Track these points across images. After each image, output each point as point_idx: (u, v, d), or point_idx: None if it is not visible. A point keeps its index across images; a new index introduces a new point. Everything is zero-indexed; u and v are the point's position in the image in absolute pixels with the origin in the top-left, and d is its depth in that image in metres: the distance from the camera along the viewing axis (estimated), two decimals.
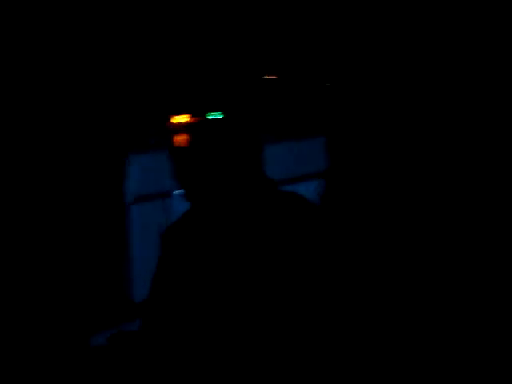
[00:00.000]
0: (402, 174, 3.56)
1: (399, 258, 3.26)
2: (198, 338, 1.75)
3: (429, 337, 2.87)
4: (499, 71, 3.33)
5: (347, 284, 1.84)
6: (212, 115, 1.84)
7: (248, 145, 1.88)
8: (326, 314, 1.79)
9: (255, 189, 1.86)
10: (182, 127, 2.21)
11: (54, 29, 3.48)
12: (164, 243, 1.88)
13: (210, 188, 1.84)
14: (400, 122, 3.64)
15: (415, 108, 3.65)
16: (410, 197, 3.59)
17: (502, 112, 3.40)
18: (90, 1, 3.52)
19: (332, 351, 1.77)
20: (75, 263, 3.37)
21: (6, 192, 3.22)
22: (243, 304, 1.74)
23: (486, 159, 3.52)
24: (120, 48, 3.69)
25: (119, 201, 3.27)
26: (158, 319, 1.82)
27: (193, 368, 1.75)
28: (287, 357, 1.73)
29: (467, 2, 3.48)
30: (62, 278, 3.37)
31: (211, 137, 1.85)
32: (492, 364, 2.82)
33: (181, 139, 2.12)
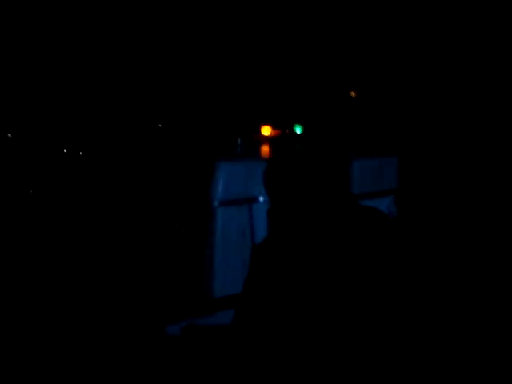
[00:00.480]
0: (469, 194, 3.85)
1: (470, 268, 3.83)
2: (287, 341, 1.81)
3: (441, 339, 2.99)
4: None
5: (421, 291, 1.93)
6: (298, 129, 2.05)
7: (332, 160, 1.91)
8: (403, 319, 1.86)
9: (339, 202, 1.92)
10: (269, 139, 4.74)
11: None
12: (257, 254, 1.94)
13: (294, 200, 1.92)
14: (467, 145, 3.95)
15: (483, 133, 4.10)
16: (474, 212, 3.93)
17: None
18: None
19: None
20: (165, 257, 4.33)
21: (114, 190, 4.07)
22: (330, 311, 1.79)
23: None
24: (215, 62, 4.18)
25: (207, 204, 3.72)
26: (250, 320, 1.86)
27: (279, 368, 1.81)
28: (373, 359, 1.80)
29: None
30: (152, 270, 4.32)
31: (296, 150, 1.91)
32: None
33: (267, 150, 4.46)
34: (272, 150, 3.98)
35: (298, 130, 1.85)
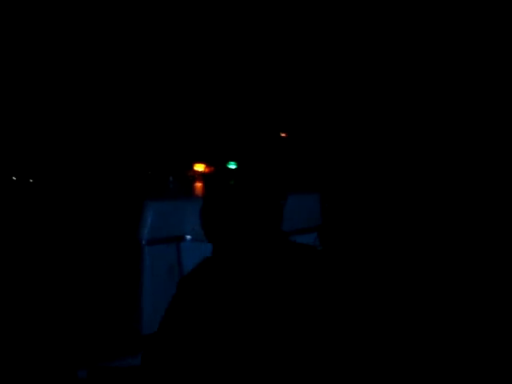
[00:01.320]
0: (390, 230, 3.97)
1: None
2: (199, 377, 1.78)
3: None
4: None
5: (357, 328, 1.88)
6: (230, 165, 2.04)
7: (264, 195, 1.91)
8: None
9: (270, 238, 1.92)
10: (202, 175, 4.90)
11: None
12: (182, 287, 1.92)
13: (226, 234, 1.92)
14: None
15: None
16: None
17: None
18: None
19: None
20: (92, 292, 4.35)
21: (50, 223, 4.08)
22: (249, 350, 1.75)
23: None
24: (145, 96, 4.20)
25: (136, 242, 3.76)
26: (163, 355, 1.83)
27: None
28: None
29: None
30: (81, 307, 4.33)
31: (228, 185, 1.91)
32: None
33: (200, 187, 4.63)
34: (205, 186, 4.04)
35: (232, 166, 1.88)
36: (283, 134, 4.90)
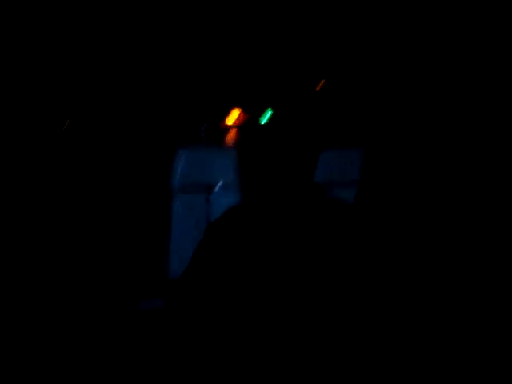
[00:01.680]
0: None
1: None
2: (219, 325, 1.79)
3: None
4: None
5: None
6: (267, 116, 1.91)
7: (298, 144, 1.89)
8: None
9: (302, 189, 1.90)
10: (236, 126, 4.76)
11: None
12: (209, 233, 1.93)
13: (258, 183, 1.90)
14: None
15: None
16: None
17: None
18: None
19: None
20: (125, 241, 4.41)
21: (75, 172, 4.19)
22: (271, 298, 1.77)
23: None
24: (181, 44, 4.19)
25: (167, 189, 3.82)
26: (188, 299, 1.88)
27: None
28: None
29: None
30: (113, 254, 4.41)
31: (261, 135, 1.89)
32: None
33: (233, 137, 4.49)
34: (239, 134, 4.05)
35: (266, 117, 1.87)
36: (322, 82, 4.71)
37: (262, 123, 1.98)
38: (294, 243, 1.84)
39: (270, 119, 2.00)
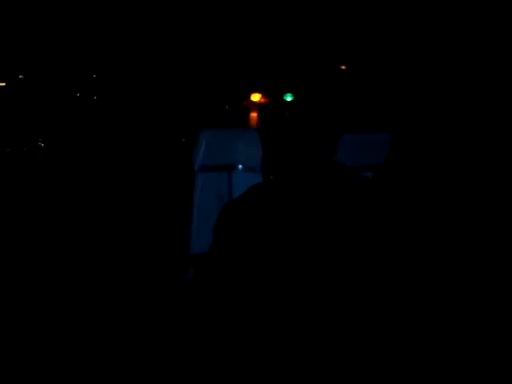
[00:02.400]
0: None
1: None
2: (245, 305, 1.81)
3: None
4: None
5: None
6: (287, 96, 1.90)
7: (319, 128, 1.89)
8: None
9: (322, 170, 1.89)
10: (258, 106, 4.77)
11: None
12: (227, 210, 1.93)
13: (279, 165, 1.91)
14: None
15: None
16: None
17: None
18: None
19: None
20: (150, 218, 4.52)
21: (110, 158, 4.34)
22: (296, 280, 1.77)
23: None
24: (201, 31, 4.26)
25: (189, 168, 3.90)
26: (213, 277, 1.88)
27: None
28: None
29: None
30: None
31: (283, 117, 1.88)
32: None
33: (256, 117, 4.56)
34: (261, 116, 4.10)
35: (289, 98, 1.87)
36: (343, 67, 4.83)
37: (285, 102, 1.98)
38: (311, 225, 1.84)
39: (292, 102, 2.00)
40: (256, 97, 4.32)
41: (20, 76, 6.48)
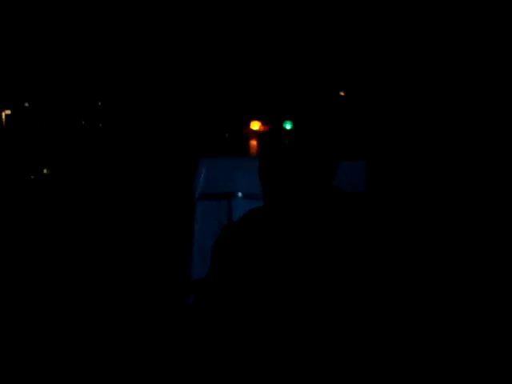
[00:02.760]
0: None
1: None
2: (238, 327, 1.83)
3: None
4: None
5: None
6: (286, 124, 1.90)
7: (319, 155, 1.89)
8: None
9: (319, 197, 1.90)
10: (257, 134, 4.93)
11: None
12: (224, 234, 1.95)
13: (278, 192, 1.90)
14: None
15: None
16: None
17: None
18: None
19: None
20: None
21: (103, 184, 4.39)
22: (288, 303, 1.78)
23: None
24: (201, 57, 4.29)
25: (189, 196, 3.94)
26: (210, 301, 1.91)
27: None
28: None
29: None
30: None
31: (283, 144, 1.89)
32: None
33: (255, 145, 4.69)
34: (260, 144, 4.21)
35: (288, 126, 1.90)
36: (342, 93, 4.92)
37: (284, 130, 1.98)
38: (306, 249, 1.85)
39: (291, 129, 1.99)
40: (255, 125, 4.41)
41: (26, 104, 6.62)
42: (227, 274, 1.90)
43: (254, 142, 4.45)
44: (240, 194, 3.98)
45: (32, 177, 5.69)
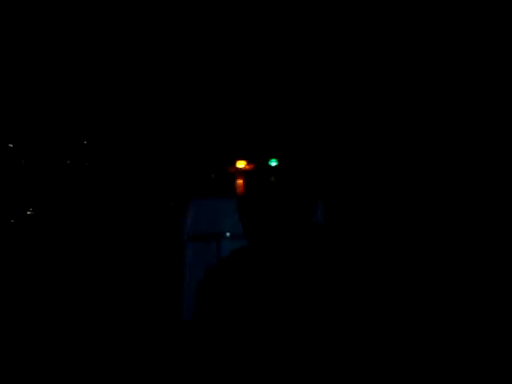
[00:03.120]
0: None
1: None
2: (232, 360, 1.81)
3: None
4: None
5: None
6: (271, 162, 1.92)
7: (304, 192, 1.89)
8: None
9: (303, 233, 1.89)
10: (243, 172, 5.06)
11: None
12: (209, 280, 1.94)
13: (264, 230, 1.88)
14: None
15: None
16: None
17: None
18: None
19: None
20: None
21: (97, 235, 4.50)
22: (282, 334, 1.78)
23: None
24: (186, 98, 4.58)
25: (178, 238, 3.91)
26: (202, 340, 1.89)
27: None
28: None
29: None
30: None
31: (268, 182, 1.87)
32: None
33: (240, 184, 4.80)
34: (246, 182, 4.22)
35: (273, 164, 1.88)
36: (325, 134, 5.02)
37: (269, 168, 1.96)
38: (291, 288, 1.82)
39: (276, 166, 1.97)
40: (241, 164, 4.45)
41: (10, 145, 6.65)
42: (213, 316, 1.88)
43: (239, 181, 4.48)
44: (228, 234, 4.00)
45: (12, 220, 5.69)
